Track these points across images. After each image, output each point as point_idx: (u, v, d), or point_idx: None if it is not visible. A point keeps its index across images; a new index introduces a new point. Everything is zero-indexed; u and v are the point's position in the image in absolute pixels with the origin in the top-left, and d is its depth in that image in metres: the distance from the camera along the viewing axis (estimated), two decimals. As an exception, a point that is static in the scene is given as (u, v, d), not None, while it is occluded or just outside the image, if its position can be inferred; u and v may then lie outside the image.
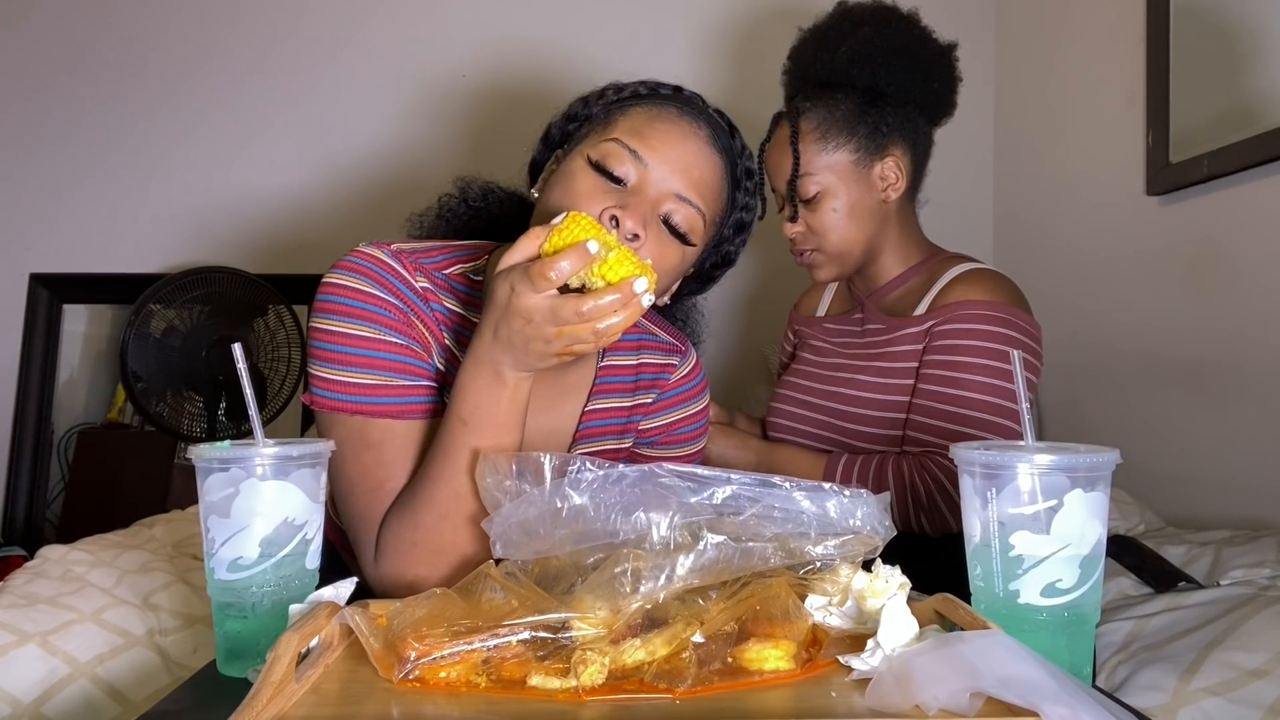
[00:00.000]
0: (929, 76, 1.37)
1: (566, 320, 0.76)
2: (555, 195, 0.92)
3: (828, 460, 1.34)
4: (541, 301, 0.77)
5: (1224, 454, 1.57)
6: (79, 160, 2.27)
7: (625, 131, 0.92)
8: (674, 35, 2.30)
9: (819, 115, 1.36)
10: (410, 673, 0.61)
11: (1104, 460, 0.66)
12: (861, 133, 1.35)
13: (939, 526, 1.26)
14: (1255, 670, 0.92)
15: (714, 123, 0.98)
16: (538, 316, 0.77)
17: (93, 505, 2.14)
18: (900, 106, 1.36)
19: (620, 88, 1.01)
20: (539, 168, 1.05)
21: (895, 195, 1.38)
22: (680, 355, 1.11)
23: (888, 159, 1.36)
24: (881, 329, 1.39)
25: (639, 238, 0.89)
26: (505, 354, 0.81)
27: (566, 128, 1.02)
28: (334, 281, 0.91)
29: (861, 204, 1.36)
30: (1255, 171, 1.49)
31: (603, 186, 0.90)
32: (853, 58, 1.36)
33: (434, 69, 2.29)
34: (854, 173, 1.36)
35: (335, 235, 2.26)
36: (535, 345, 0.79)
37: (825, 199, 1.36)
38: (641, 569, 0.65)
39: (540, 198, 0.96)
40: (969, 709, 0.54)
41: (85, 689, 0.98)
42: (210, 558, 0.72)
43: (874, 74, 1.35)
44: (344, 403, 0.89)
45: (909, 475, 1.26)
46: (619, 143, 0.91)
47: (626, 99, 0.99)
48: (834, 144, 1.35)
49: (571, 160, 0.93)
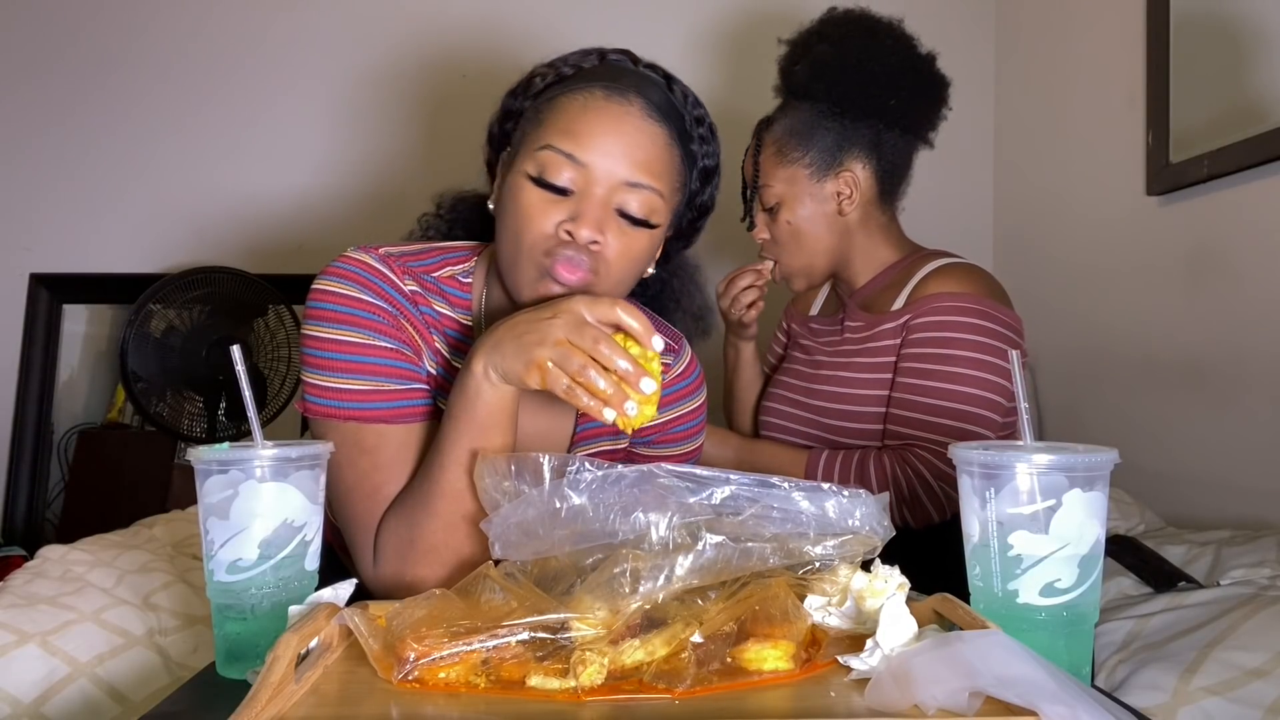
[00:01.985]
0: (887, 91, 1.36)
1: (582, 341, 0.77)
2: (509, 216, 0.91)
3: (809, 456, 1.36)
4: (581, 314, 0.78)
5: (1224, 454, 1.57)
6: (79, 160, 2.27)
7: (556, 134, 0.89)
8: (674, 34, 2.29)
9: (781, 128, 1.39)
10: (409, 673, 0.61)
11: (1102, 460, 0.66)
12: (817, 146, 1.37)
13: (921, 518, 1.28)
14: (1255, 670, 0.92)
15: (645, 87, 0.93)
16: (565, 318, 0.77)
17: (93, 505, 2.14)
18: (859, 120, 1.37)
19: (545, 73, 0.97)
20: (491, 169, 1.04)
21: (851, 208, 1.39)
22: (675, 353, 1.11)
23: (844, 173, 1.38)
24: (860, 326, 1.40)
25: (598, 242, 0.88)
26: (494, 349, 0.81)
27: (504, 126, 1.00)
28: (322, 288, 0.91)
29: (816, 216, 1.39)
30: (1255, 171, 1.49)
31: (549, 199, 0.89)
32: (811, 73, 1.38)
33: (435, 69, 2.29)
34: (808, 186, 1.38)
35: (336, 236, 2.26)
36: (529, 337, 0.78)
37: (782, 210, 1.40)
38: (640, 569, 0.65)
39: (497, 216, 0.95)
40: (968, 708, 0.54)
41: (85, 689, 0.99)
42: (209, 559, 0.72)
43: (829, 89, 1.36)
44: (336, 409, 0.89)
45: (890, 469, 1.27)
46: (552, 149, 0.89)
47: (553, 85, 0.95)
48: (790, 156, 1.38)
49: (514, 176, 0.92)
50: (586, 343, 0.76)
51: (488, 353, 0.81)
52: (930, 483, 1.25)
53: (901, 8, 1.43)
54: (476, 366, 0.82)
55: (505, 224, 0.92)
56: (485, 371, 0.82)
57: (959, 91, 1.45)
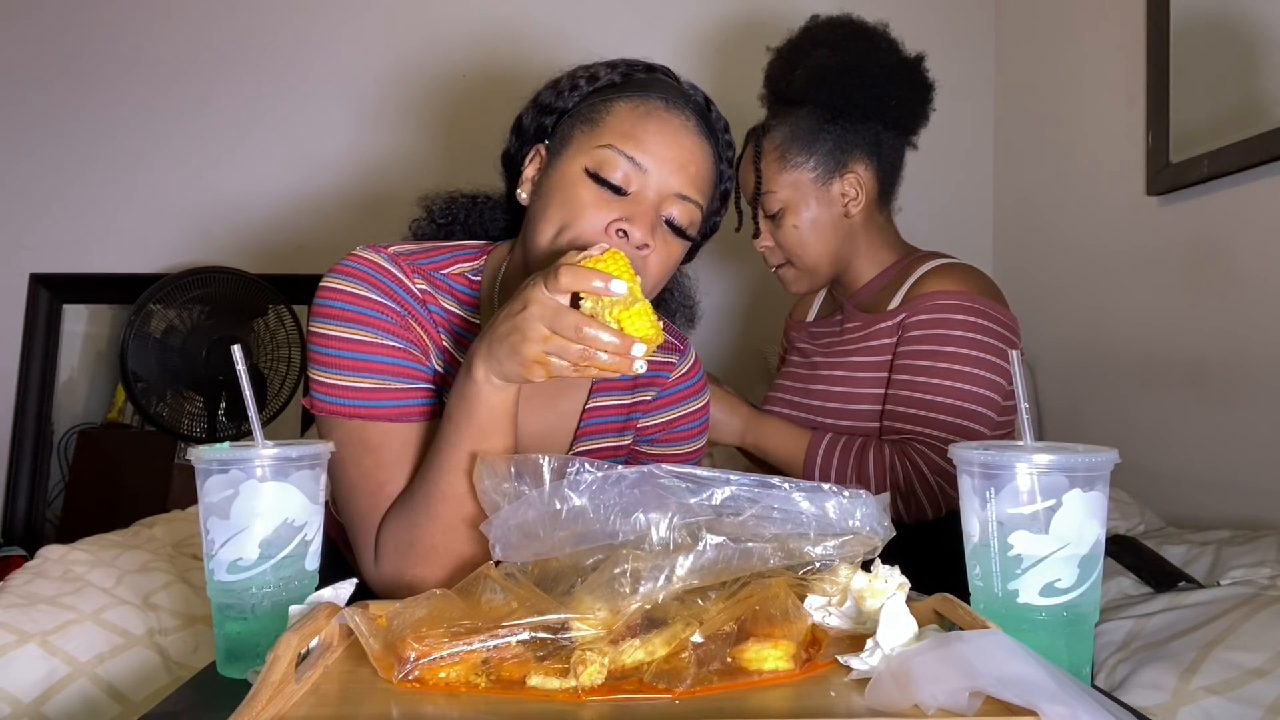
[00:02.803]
0: (887, 92, 1.38)
1: (562, 329, 0.76)
2: (555, 207, 0.91)
3: (811, 436, 1.36)
4: (551, 299, 0.76)
5: (1224, 454, 1.57)
6: (79, 160, 2.27)
7: (617, 135, 0.91)
8: (673, 34, 2.30)
9: (781, 134, 1.40)
10: (410, 673, 0.61)
11: (1102, 460, 0.66)
12: (820, 150, 1.38)
13: (915, 513, 1.28)
14: (1255, 669, 0.92)
15: (698, 105, 0.97)
16: (536, 310, 0.76)
17: (93, 505, 2.14)
18: (860, 122, 1.38)
19: (592, 75, 0.98)
20: (512, 159, 1.04)
21: (857, 209, 1.40)
22: (680, 354, 1.11)
23: (848, 175, 1.39)
24: (857, 325, 1.41)
25: (649, 245, 0.89)
26: (484, 348, 0.80)
27: (541, 120, 1.00)
28: (331, 286, 0.91)
29: (823, 219, 1.40)
30: (1255, 171, 1.49)
31: (604, 197, 0.89)
32: (810, 78, 1.39)
33: (435, 68, 2.29)
34: (814, 189, 1.39)
35: (335, 236, 2.26)
36: (513, 338, 0.77)
37: (787, 215, 1.40)
38: (641, 570, 0.65)
39: (538, 207, 0.93)
40: (968, 708, 0.55)
41: (85, 689, 0.99)
42: (210, 559, 0.72)
43: (830, 93, 1.38)
44: (342, 407, 0.89)
45: (889, 459, 1.28)
46: (614, 149, 0.90)
47: (604, 89, 0.97)
48: (793, 162, 1.39)
49: (566, 167, 0.92)
50: (569, 332, 0.76)
51: (485, 359, 0.81)
52: (927, 477, 1.26)
53: (902, 8, 1.44)
54: (478, 373, 0.81)
55: (548, 214, 0.91)
56: (487, 377, 0.81)
57: (959, 91, 1.46)
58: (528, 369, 0.78)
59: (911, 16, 1.44)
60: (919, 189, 1.48)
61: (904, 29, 1.47)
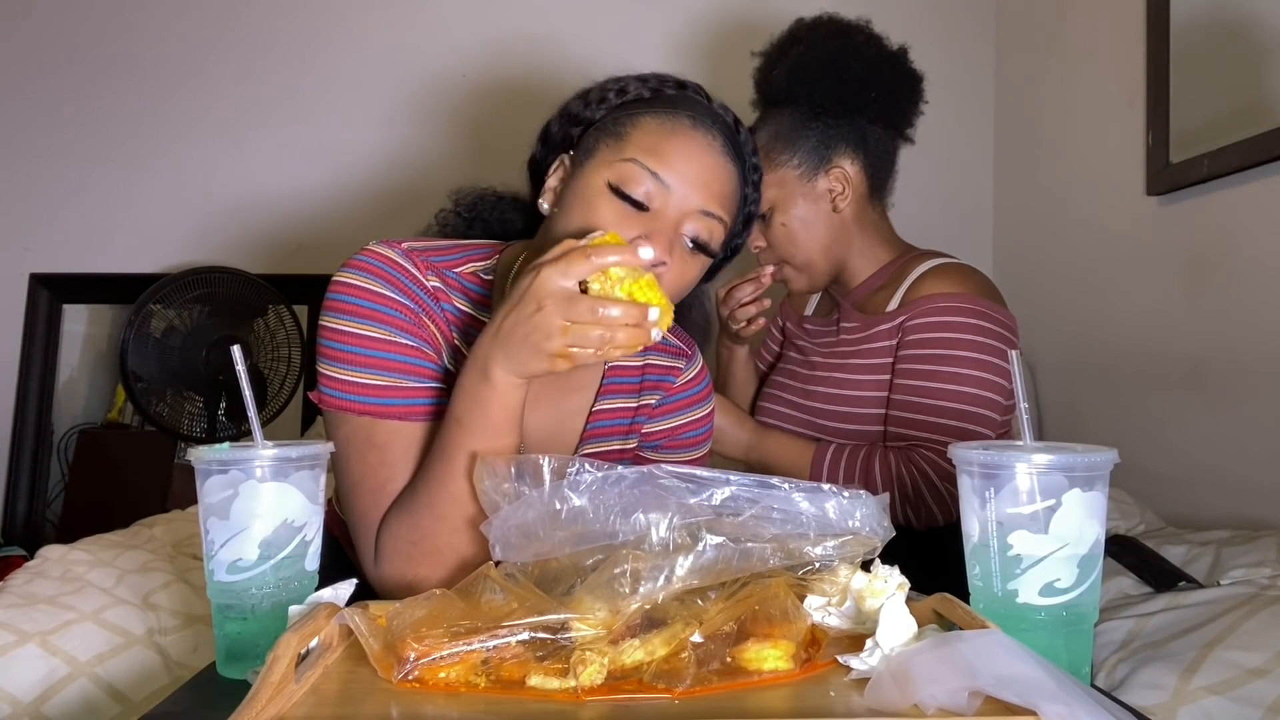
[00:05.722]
0: (866, 85, 1.38)
1: (580, 315, 0.76)
2: (576, 219, 0.90)
3: (816, 448, 1.36)
4: (563, 289, 0.76)
5: (1224, 454, 1.57)
6: (79, 160, 2.27)
7: (642, 150, 0.90)
8: (673, 34, 2.30)
9: (766, 134, 1.40)
10: (410, 673, 0.61)
11: (1102, 460, 0.66)
12: (804, 147, 1.38)
13: (925, 520, 1.27)
14: (1255, 669, 0.92)
15: (725, 126, 0.96)
16: (551, 303, 0.76)
17: (93, 505, 2.14)
18: (843, 117, 1.38)
19: (622, 88, 0.98)
20: (538, 166, 1.04)
21: (845, 204, 1.40)
22: (686, 359, 1.11)
23: (834, 170, 1.39)
24: (855, 327, 1.41)
25: (665, 263, 0.89)
26: (500, 352, 0.80)
27: (568, 129, 1.00)
28: (345, 280, 0.91)
29: (811, 216, 1.39)
30: (1255, 171, 1.49)
31: (625, 212, 0.89)
32: (789, 76, 1.39)
33: (434, 69, 2.30)
34: (800, 186, 1.39)
35: (336, 235, 2.26)
36: (535, 338, 0.77)
37: (776, 214, 1.40)
38: (641, 570, 0.65)
39: (559, 218, 0.93)
40: (967, 708, 0.55)
41: (85, 689, 0.99)
42: (209, 559, 0.72)
43: (810, 90, 1.38)
44: (351, 402, 0.89)
45: (896, 467, 1.27)
46: (637, 164, 0.89)
47: (632, 103, 0.96)
48: (778, 160, 1.39)
49: (588, 180, 0.91)
50: (586, 315, 0.76)
51: (502, 361, 0.80)
52: (935, 483, 1.25)
53: (903, 9, 1.44)
54: (494, 374, 0.81)
55: (568, 225, 0.91)
56: (505, 376, 0.81)
57: (959, 91, 1.45)
58: (553, 364, 0.79)
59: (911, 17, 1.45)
60: (919, 189, 1.49)
61: (904, 29, 1.47)
